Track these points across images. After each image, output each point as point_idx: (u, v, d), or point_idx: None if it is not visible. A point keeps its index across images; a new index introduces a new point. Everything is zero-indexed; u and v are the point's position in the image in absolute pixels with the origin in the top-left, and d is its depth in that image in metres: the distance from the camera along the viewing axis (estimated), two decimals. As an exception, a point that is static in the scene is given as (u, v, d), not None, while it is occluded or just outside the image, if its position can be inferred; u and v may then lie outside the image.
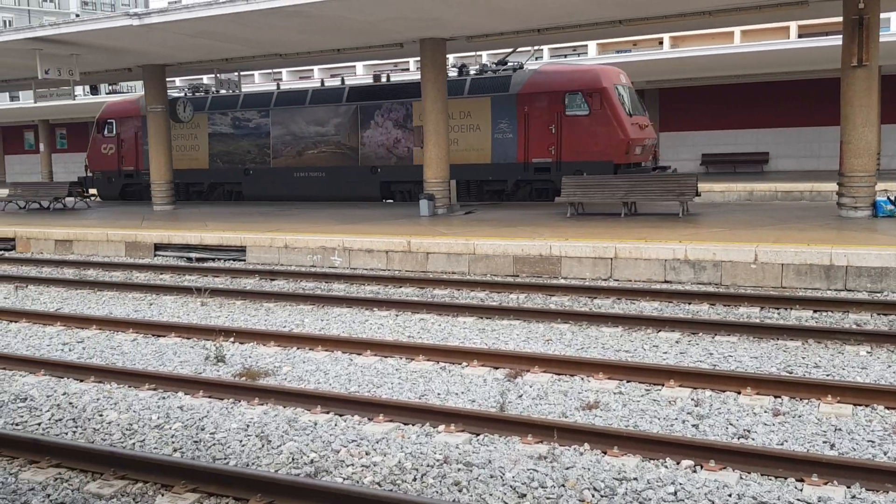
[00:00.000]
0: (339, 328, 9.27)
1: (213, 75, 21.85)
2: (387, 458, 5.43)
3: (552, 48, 44.08)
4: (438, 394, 6.80)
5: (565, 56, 41.58)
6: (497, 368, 7.38)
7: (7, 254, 16.46)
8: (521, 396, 6.66)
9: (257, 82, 39.30)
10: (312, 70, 48.61)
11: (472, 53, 21.60)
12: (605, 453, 5.39)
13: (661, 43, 41.53)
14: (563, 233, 13.31)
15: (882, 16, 14.65)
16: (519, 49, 21.34)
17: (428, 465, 5.30)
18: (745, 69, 26.52)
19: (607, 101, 18.25)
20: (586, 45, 43.54)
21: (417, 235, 13.49)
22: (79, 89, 27.17)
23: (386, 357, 7.89)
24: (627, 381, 6.90)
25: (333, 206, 20.57)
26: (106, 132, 25.75)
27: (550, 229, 13.89)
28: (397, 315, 9.83)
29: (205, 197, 24.66)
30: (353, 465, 5.37)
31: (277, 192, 22.60)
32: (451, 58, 22.35)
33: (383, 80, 22.13)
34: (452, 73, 20.68)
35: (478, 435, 5.79)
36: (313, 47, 18.67)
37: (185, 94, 24.90)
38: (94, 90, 28.11)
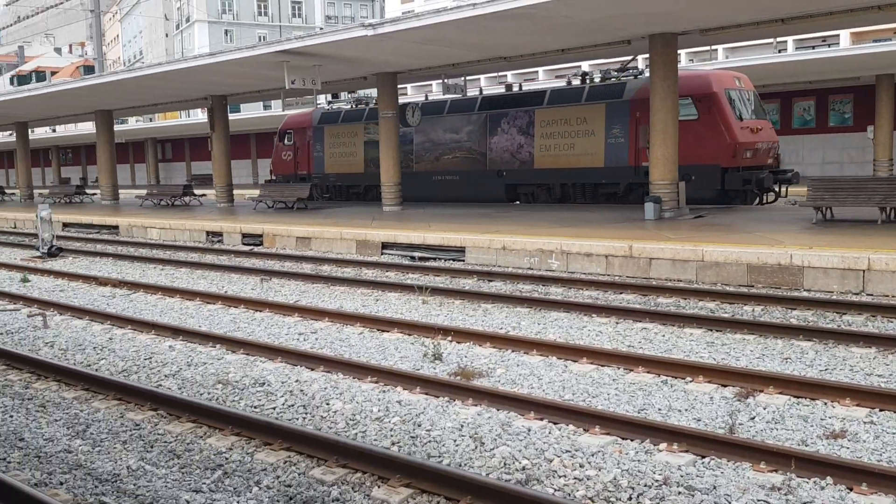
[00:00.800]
0: (556, 333, 9.10)
1: (441, 80, 22.59)
2: (601, 473, 5.18)
3: (797, 39, 40.79)
4: (659, 409, 6.40)
5: (812, 48, 38.26)
6: (726, 386, 6.82)
7: (256, 248, 18.11)
8: (753, 419, 6.09)
9: (483, 85, 40.11)
10: (537, 72, 48.86)
11: (628, 57, 21.21)
12: (851, 490, 4.78)
13: (929, 29, 36.91)
14: (807, 240, 12.15)
15: None
16: (757, 41, 20.07)
17: (645, 485, 4.98)
18: None
19: (716, 105, 18.37)
20: (837, 35, 39.77)
21: (640, 240, 12.96)
22: (321, 98, 29.52)
23: (603, 366, 7.59)
24: (881, 410, 6.08)
25: (552, 208, 20.42)
26: (285, 141, 29.14)
27: (791, 236, 12.75)
28: (617, 323, 9.46)
29: (361, 198, 27.31)
30: (565, 476, 5.18)
31: (419, 193, 24.27)
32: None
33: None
34: (576, 81, 21.97)
35: (703, 457, 5.36)
36: (537, 49, 18.64)
37: (352, 105, 27.74)
38: (335, 98, 30.19)
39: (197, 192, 30.73)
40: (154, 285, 13.05)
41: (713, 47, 37.12)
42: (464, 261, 14.68)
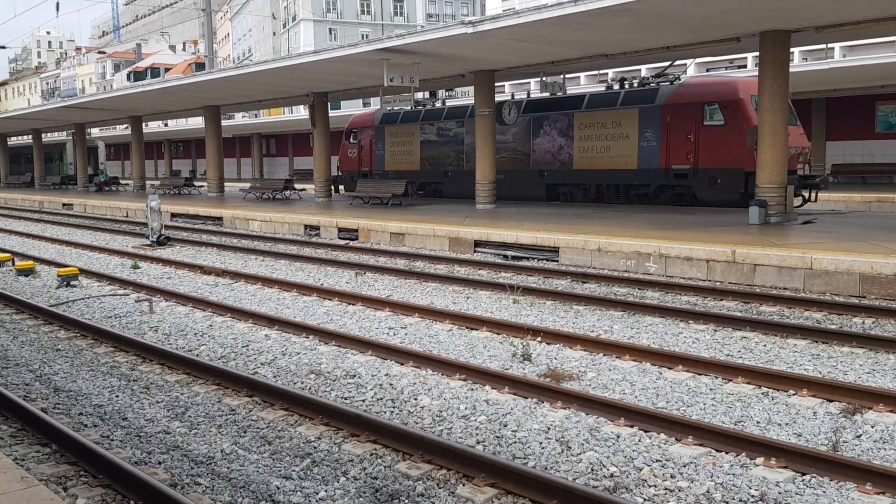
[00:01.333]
0: (650, 338, 8.85)
1: (539, 79, 22.39)
2: (693, 485, 4.99)
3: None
4: (758, 422, 6.12)
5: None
6: (831, 402, 6.47)
7: (351, 243, 18.44)
8: (859, 437, 5.74)
9: (583, 84, 39.63)
10: (640, 69, 47.75)
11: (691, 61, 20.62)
12: (971, 521, 4.42)
13: None
14: (924, 250, 11.40)
15: None
16: (878, 39, 19.06)
17: (740, 500, 4.77)
18: None
19: (741, 111, 18.87)
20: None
21: (744, 245, 12.47)
22: (417, 95, 29.90)
23: (699, 375, 7.33)
24: None
25: (650, 210, 19.94)
26: (351, 139, 30.70)
27: (907, 245, 12.00)
28: (715, 330, 9.12)
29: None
30: (655, 486, 5.02)
31: (468, 191, 24.65)
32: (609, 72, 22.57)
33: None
34: (616, 86, 22.58)
35: (803, 474, 5.10)
36: (641, 46, 18.20)
37: (411, 107, 28.14)
38: (433, 96, 30.42)
39: (297, 186, 31.56)
40: (254, 275, 13.47)
41: (829, 46, 35.37)
42: (557, 261, 14.49)
